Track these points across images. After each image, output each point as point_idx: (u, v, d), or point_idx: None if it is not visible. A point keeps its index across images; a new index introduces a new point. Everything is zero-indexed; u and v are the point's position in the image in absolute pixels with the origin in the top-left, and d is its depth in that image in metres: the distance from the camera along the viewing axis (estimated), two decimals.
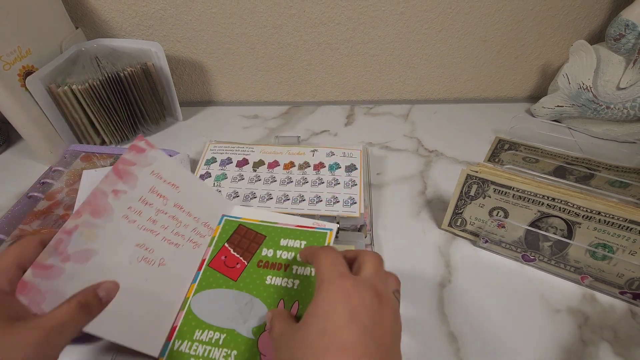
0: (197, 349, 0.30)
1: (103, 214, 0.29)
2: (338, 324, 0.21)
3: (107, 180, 0.30)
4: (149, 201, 0.33)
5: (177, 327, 0.32)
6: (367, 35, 0.59)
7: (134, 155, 0.33)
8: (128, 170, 0.32)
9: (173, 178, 0.35)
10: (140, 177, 0.32)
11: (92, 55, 0.51)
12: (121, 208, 0.31)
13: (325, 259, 0.26)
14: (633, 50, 0.48)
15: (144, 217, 0.32)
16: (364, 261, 0.26)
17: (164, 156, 0.35)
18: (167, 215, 0.34)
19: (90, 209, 0.29)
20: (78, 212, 0.28)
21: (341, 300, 0.22)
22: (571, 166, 0.43)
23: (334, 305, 0.22)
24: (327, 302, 0.23)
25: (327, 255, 0.26)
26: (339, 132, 0.59)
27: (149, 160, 0.33)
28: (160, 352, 0.30)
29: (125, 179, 0.31)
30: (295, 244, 0.35)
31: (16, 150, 0.56)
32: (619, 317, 0.34)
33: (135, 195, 0.32)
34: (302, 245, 0.35)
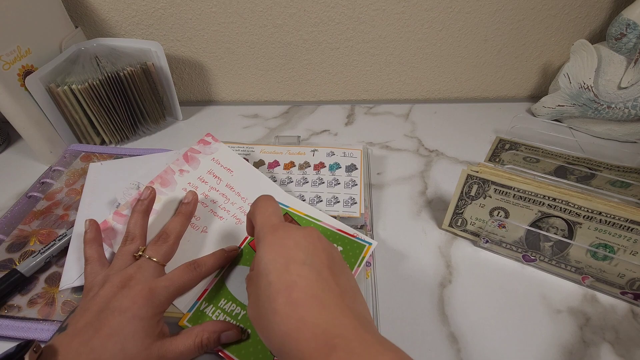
0: (218, 316, 0.32)
1: (168, 185, 0.39)
2: (278, 271, 0.23)
3: (177, 162, 0.41)
4: (205, 180, 0.41)
5: (207, 290, 0.33)
6: (367, 35, 0.59)
7: (201, 147, 0.43)
8: (194, 156, 0.42)
9: (229, 164, 0.42)
10: (203, 161, 0.42)
11: (91, 55, 0.51)
12: (182, 183, 0.40)
13: (260, 215, 0.28)
14: (634, 49, 0.48)
15: (199, 191, 0.40)
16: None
17: (225, 147, 0.44)
18: (218, 193, 0.40)
19: (161, 180, 0.39)
20: (152, 182, 0.39)
21: (275, 252, 0.24)
22: (572, 166, 0.43)
23: (271, 258, 0.24)
24: (265, 259, 0.24)
25: (261, 211, 0.28)
26: (339, 132, 0.58)
27: (212, 150, 0.43)
28: (188, 308, 0.32)
29: (190, 163, 0.41)
30: None
31: (16, 150, 0.55)
32: (620, 317, 0.34)
33: (195, 174, 0.41)
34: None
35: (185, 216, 0.35)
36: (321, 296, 0.22)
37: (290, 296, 0.22)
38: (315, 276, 0.23)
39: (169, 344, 0.27)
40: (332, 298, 0.22)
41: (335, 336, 0.21)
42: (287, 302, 0.22)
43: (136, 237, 0.32)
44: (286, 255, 0.24)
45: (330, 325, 0.21)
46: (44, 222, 0.41)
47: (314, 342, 0.21)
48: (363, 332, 0.21)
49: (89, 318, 0.26)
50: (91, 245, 0.33)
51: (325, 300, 0.22)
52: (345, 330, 0.21)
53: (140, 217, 0.34)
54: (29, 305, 0.34)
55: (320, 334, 0.21)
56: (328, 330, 0.21)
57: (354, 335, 0.21)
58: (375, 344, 0.20)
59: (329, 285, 0.23)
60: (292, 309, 0.22)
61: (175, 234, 0.33)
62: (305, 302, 0.22)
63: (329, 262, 0.24)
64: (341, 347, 0.20)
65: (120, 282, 0.28)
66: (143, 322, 0.26)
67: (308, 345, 0.21)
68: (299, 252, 0.24)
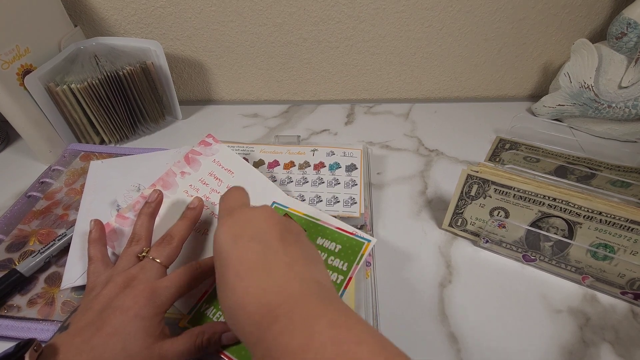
0: (219, 317, 0.32)
1: (170, 188, 0.40)
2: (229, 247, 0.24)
3: (178, 164, 0.41)
4: (206, 181, 0.41)
5: (208, 292, 0.33)
6: (367, 34, 0.58)
7: (202, 148, 0.43)
8: (195, 158, 0.42)
9: (229, 165, 0.42)
10: (204, 163, 0.42)
11: (91, 54, 0.51)
12: (184, 185, 0.40)
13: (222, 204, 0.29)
14: (635, 49, 0.48)
15: (200, 193, 0.40)
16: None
17: (226, 148, 0.44)
18: (218, 194, 0.40)
19: (162, 183, 0.40)
20: (154, 185, 0.40)
21: (226, 231, 0.25)
22: (572, 166, 0.43)
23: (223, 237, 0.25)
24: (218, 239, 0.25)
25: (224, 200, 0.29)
26: (339, 131, 0.58)
27: (212, 151, 0.43)
28: (189, 310, 0.32)
29: (191, 165, 0.42)
30: (331, 246, 0.35)
31: (15, 150, 0.55)
32: (620, 317, 0.34)
33: (196, 176, 0.41)
34: (336, 249, 0.35)
35: (190, 221, 0.35)
36: (267, 267, 0.23)
37: (237, 269, 0.23)
38: (262, 248, 0.24)
39: (170, 344, 0.27)
40: (279, 268, 0.23)
41: (278, 306, 0.21)
42: (235, 275, 0.23)
43: (142, 239, 0.33)
44: (235, 233, 0.25)
45: (274, 295, 0.22)
46: (43, 222, 0.41)
47: (258, 312, 0.21)
48: (307, 298, 0.21)
49: (91, 317, 0.26)
50: (95, 245, 0.33)
51: (271, 270, 0.23)
52: (289, 298, 0.21)
53: (146, 219, 0.34)
54: (29, 305, 0.34)
55: (264, 304, 0.21)
56: (272, 300, 0.21)
57: (297, 302, 0.21)
58: (315, 308, 0.20)
59: (277, 256, 0.24)
60: (238, 280, 0.23)
61: (179, 237, 0.33)
62: (251, 273, 0.23)
63: (280, 234, 0.25)
64: (282, 317, 0.20)
65: (123, 282, 0.28)
66: (144, 321, 0.26)
67: (253, 316, 0.21)
68: (249, 228, 0.25)
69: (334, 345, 0.18)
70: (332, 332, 0.19)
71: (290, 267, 0.23)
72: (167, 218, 0.38)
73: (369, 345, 0.18)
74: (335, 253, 0.34)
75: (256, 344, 0.21)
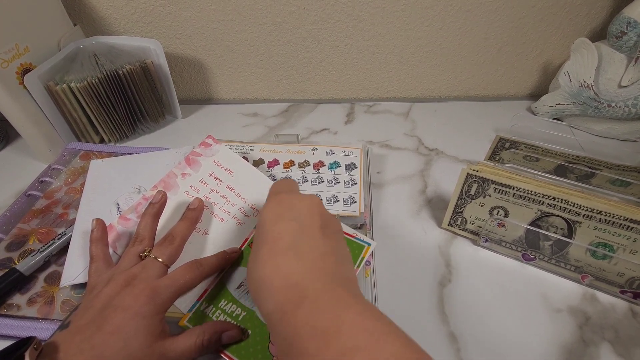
0: (218, 317, 0.32)
1: (171, 189, 0.40)
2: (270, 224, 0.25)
3: (179, 166, 0.42)
4: (206, 182, 0.41)
5: (208, 290, 0.33)
6: (367, 33, 0.58)
7: (202, 149, 0.43)
8: (196, 159, 0.42)
9: (229, 165, 0.42)
10: (204, 164, 0.42)
11: (90, 53, 0.51)
12: (184, 186, 0.40)
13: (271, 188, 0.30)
14: (635, 48, 0.48)
15: (200, 194, 0.40)
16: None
17: (225, 148, 0.44)
18: (219, 195, 0.40)
19: (163, 184, 0.40)
20: (155, 186, 0.40)
21: (271, 209, 0.26)
22: (572, 165, 0.43)
23: (267, 214, 0.26)
24: (262, 215, 0.26)
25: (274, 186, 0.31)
26: (339, 131, 0.58)
27: (212, 152, 0.43)
28: (189, 309, 0.32)
29: (192, 166, 0.42)
30: None
31: (15, 149, 0.55)
32: (620, 316, 0.34)
33: (197, 177, 0.41)
34: None
35: (191, 221, 0.35)
36: (301, 251, 0.23)
37: (273, 245, 0.24)
38: (300, 232, 0.24)
39: (170, 344, 0.27)
40: (312, 254, 0.23)
41: (306, 288, 0.21)
42: (269, 250, 0.24)
43: (145, 239, 0.33)
44: (280, 212, 0.26)
45: (303, 278, 0.22)
46: (43, 221, 0.41)
47: (285, 291, 0.22)
48: (336, 286, 0.21)
49: (92, 315, 0.26)
50: (97, 244, 0.33)
51: (304, 254, 0.23)
52: (317, 284, 0.22)
53: (150, 220, 0.34)
54: (28, 304, 0.34)
55: (293, 284, 0.22)
56: (300, 282, 0.22)
57: (325, 289, 0.21)
58: (344, 296, 0.21)
59: (313, 242, 0.24)
60: (271, 256, 0.23)
61: (181, 237, 0.33)
62: (284, 252, 0.23)
63: (321, 224, 0.26)
64: (310, 299, 0.21)
65: (124, 281, 0.28)
66: (145, 320, 0.26)
67: (279, 294, 0.22)
68: (293, 210, 0.26)
69: (364, 332, 0.19)
70: (361, 320, 0.19)
71: (323, 257, 0.24)
72: (168, 219, 0.38)
73: (396, 338, 0.19)
74: None
75: (280, 322, 0.21)
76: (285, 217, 0.25)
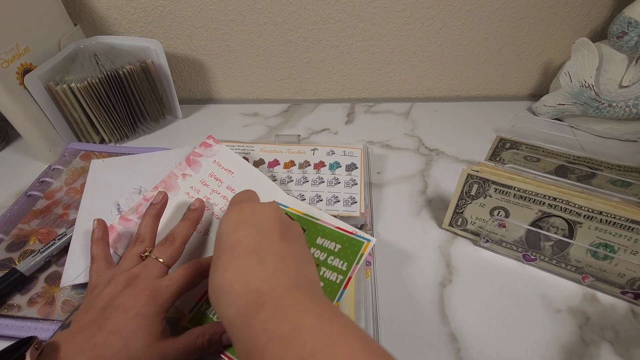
0: (219, 317, 0.31)
1: (172, 190, 0.40)
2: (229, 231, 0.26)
3: (180, 166, 0.42)
4: (207, 183, 0.41)
5: (209, 291, 0.33)
6: (367, 33, 0.58)
7: (203, 150, 0.43)
8: (196, 160, 0.43)
9: (230, 165, 0.42)
10: (204, 165, 0.42)
11: (90, 53, 0.50)
12: (185, 186, 0.40)
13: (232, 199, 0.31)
14: (635, 48, 0.48)
15: (201, 194, 0.40)
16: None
17: (226, 149, 0.44)
18: (219, 195, 0.40)
19: (164, 185, 0.40)
20: (156, 187, 0.40)
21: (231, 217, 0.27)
22: (573, 165, 0.43)
23: (227, 222, 0.27)
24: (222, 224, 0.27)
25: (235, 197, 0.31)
26: (340, 131, 0.58)
27: (213, 152, 0.43)
28: (189, 309, 0.32)
29: (192, 167, 0.42)
30: (330, 246, 0.35)
31: (15, 149, 0.55)
32: (620, 317, 0.34)
33: (197, 178, 0.41)
34: (335, 248, 0.35)
35: (192, 222, 0.36)
36: (261, 255, 0.24)
37: (233, 252, 0.24)
38: (260, 237, 0.25)
39: (171, 344, 0.27)
40: (273, 258, 0.24)
41: (265, 293, 0.21)
42: (229, 256, 0.24)
43: (146, 239, 0.33)
44: (240, 220, 0.26)
45: (263, 283, 0.22)
46: (43, 221, 0.41)
47: (245, 296, 0.22)
48: (295, 291, 0.22)
49: (93, 315, 0.26)
50: (98, 244, 0.33)
51: (264, 259, 0.24)
52: (278, 288, 0.22)
53: (151, 220, 0.34)
54: (29, 304, 0.34)
55: (253, 289, 0.22)
56: (260, 287, 0.22)
57: (285, 293, 0.22)
58: (303, 300, 0.21)
59: (273, 247, 0.25)
60: (231, 262, 0.24)
61: (182, 238, 0.33)
62: (244, 257, 0.24)
63: (281, 229, 0.26)
64: (270, 304, 0.21)
65: (125, 281, 0.28)
66: (146, 320, 0.26)
67: (239, 299, 0.22)
68: (252, 217, 0.26)
69: (321, 335, 0.19)
70: (318, 324, 0.20)
71: (283, 260, 0.24)
72: (169, 219, 0.38)
73: (353, 339, 0.19)
74: (335, 253, 0.34)
75: (241, 328, 0.21)
76: (244, 225, 0.26)
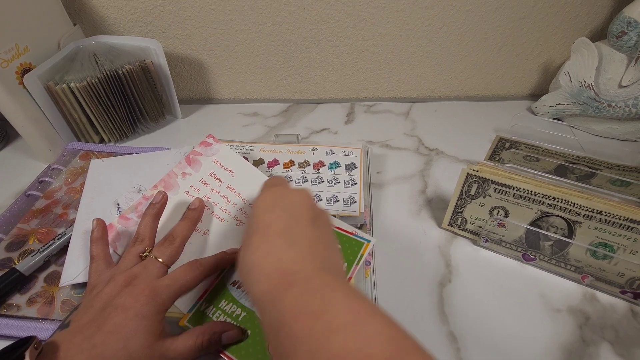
0: (219, 317, 0.32)
1: (171, 189, 0.40)
2: (263, 212, 0.26)
3: (179, 165, 0.42)
4: (206, 182, 0.41)
5: (208, 291, 0.33)
6: (367, 33, 0.58)
7: (203, 149, 0.43)
8: (196, 159, 0.42)
9: (229, 165, 0.42)
10: (204, 164, 0.42)
11: (90, 53, 0.50)
12: (185, 186, 0.40)
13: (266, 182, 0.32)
14: (635, 48, 0.48)
15: (201, 194, 0.40)
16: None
17: (226, 148, 0.44)
18: (219, 194, 0.40)
19: (164, 184, 0.40)
20: (155, 186, 0.40)
21: (264, 199, 0.28)
22: (572, 165, 0.43)
23: (261, 203, 0.27)
24: (256, 203, 0.28)
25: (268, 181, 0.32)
26: (339, 130, 0.58)
27: (213, 151, 0.43)
28: (189, 309, 0.33)
29: (192, 165, 0.42)
30: None
31: (14, 148, 0.55)
32: (620, 316, 0.34)
33: (197, 177, 0.41)
34: None
35: (191, 221, 0.36)
36: (292, 238, 0.24)
37: (265, 232, 0.25)
38: (292, 221, 0.25)
39: (171, 344, 0.27)
40: (302, 242, 0.24)
41: (296, 272, 0.22)
42: (261, 237, 0.25)
43: (145, 239, 0.33)
44: (272, 203, 0.27)
45: (293, 263, 0.23)
46: (43, 221, 0.41)
47: (275, 275, 0.22)
48: (325, 273, 0.22)
49: (92, 315, 0.26)
50: (97, 244, 0.33)
51: (295, 241, 0.24)
52: (307, 269, 0.22)
53: (151, 220, 0.34)
54: (28, 304, 0.34)
55: (283, 269, 0.23)
56: (290, 267, 0.23)
57: (314, 274, 0.22)
58: (332, 281, 0.22)
59: (303, 231, 0.25)
60: (262, 242, 0.24)
61: (181, 237, 0.33)
62: (276, 239, 0.24)
63: (312, 215, 0.27)
64: (299, 283, 0.21)
65: (124, 281, 0.28)
66: (145, 320, 0.26)
67: (270, 278, 0.22)
68: (285, 201, 0.27)
69: (350, 312, 0.19)
70: (347, 302, 0.20)
71: (313, 244, 0.24)
72: (168, 219, 0.38)
73: (380, 318, 0.20)
74: None
75: (270, 305, 0.21)
76: (277, 207, 0.26)
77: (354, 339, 0.18)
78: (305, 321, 0.19)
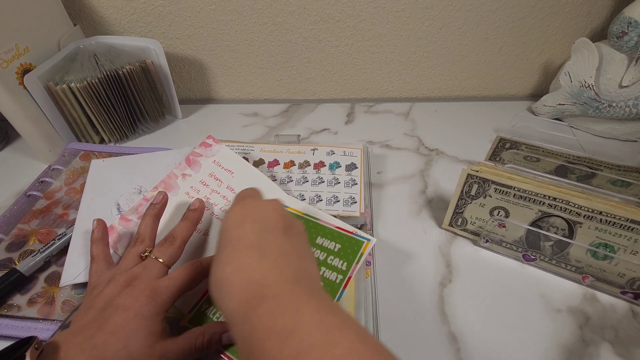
0: (219, 317, 0.32)
1: (172, 190, 0.40)
2: (234, 226, 0.26)
3: (179, 166, 0.42)
4: (206, 183, 0.41)
5: (209, 291, 0.33)
6: (367, 33, 0.58)
7: (202, 150, 0.43)
8: (196, 160, 0.43)
9: (229, 165, 0.42)
10: (204, 165, 0.42)
11: (90, 53, 0.50)
12: (185, 186, 0.40)
13: (237, 195, 0.31)
14: (635, 48, 0.48)
15: (201, 194, 0.40)
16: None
17: (226, 149, 0.44)
18: (219, 195, 0.40)
19: (164, 185, 0.40)
20: (156, 187, 0.40)
21: (236, 212, 0.27)
22: (573, 165, 0.43)
23: (231, 217, 0.27)
24: (226, 218, 0.27)
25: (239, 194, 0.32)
26: (339, 131, 0.58)
27: (213, 152, 0.43)
28: (189, 309, 0.33)
29: (192, 166, 0.42)
30: (330, 245, 0.35)
31: (15, 149, 0.55)
32: (620, 317, 0.34)
33: (197, 177, 0.41)
34: (335, 248, 0.35)
35: (191, 222, 0.36)
36: (263, 250, 0.24)
37: (236, 245, 0.24)
38: (263, 233, 0.25)
39: (171, 344, 0.27)
40: (274, 253, 0.24)
41: (266, 287, 0.22)
42: (231, 250, 0.24)
43: (146, 239, 0.33)
44: (244, 215, 0.27)
45: (264, 277, 0.22)
46: (43, 221, 0.41)
47: (246, 289, 0.22)
48: (295, 286, 0.22)
49: (92, 315, 0.26)
50: (98, 244, 0.33)
51: (265, 253, 0.24)
52: (278, 283, 0.22)
53: (151, 221, 0.34)
54: (29, 304, 0.34)
55: (254, 282, 0.22)
56: (261, 281, 0.22)
57: (286, 287, 0.22)
58: (303, 295, 0.21)
59: (275, 242, 0.25)
60: (233, 256, 0.24)
61: (182, 238, 0.33)
62: (247, 251, 0.24)
63: (283, 225, 0.26)
64: (269, 299, 0.21)
65: (124, 281, 0.28)
66: (146, 320, 0.26)
67: (240, 293, 0.22)
68: (256, 213, 0.27)
69: (320, 330, 0.19)
70: (317, 318, 0.20)
71: (285, 255, 0.24)
72: (168, 219, 0.38)
73: (352, 333, 0.19)
74: (335, 252, 0.34)
75: (241, 323, 0.21)
76: (247, 220, 0.26)
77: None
78: (274, 342, 0.19)
